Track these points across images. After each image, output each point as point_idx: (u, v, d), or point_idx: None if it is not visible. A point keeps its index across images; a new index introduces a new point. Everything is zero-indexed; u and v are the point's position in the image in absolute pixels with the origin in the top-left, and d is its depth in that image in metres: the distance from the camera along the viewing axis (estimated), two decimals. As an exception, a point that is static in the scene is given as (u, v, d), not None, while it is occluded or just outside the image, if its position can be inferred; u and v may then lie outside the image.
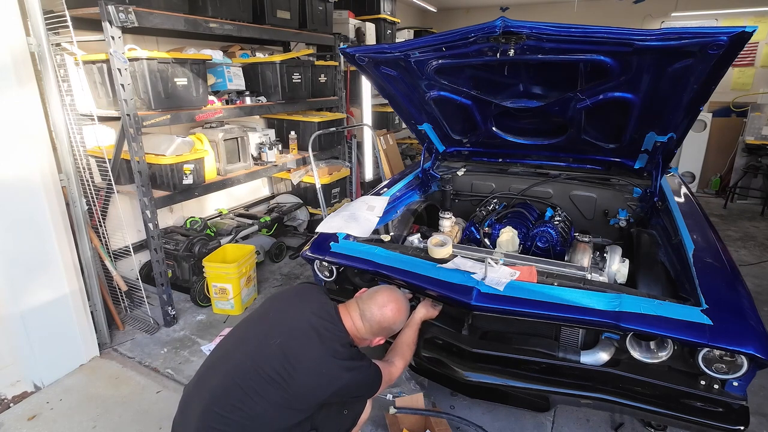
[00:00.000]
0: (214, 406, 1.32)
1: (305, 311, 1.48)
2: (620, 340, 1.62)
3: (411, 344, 1.73)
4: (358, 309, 1.54)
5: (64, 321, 2.41)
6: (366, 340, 1.58)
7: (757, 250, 4.22)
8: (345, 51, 2.24)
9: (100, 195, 2.77)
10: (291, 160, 3.73)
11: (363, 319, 1.53)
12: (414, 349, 1.73)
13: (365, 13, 5.07)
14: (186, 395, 1.44)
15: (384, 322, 1.54)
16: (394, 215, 2.53)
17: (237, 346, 1.44)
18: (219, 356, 1.47)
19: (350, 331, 1.51)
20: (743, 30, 1.43)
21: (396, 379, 1.64)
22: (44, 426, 2.11)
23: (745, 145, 5.53)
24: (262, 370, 1.33)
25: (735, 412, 1.45)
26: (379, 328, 1.54)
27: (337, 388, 1.39)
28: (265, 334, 1.42)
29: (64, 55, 2.51)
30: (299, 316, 1.46)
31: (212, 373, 1.41)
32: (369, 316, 1.53)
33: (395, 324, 1.58)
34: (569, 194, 2.77)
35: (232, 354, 1.42)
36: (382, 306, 1.54)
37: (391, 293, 1.60)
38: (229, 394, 1.32)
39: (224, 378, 1.36)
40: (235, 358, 1.40)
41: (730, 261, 1.75)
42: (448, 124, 2.75)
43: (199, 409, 1.33)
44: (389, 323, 1.55)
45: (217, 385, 1.36)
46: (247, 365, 1.36)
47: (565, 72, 2.00)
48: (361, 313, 1.53)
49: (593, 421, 2.12)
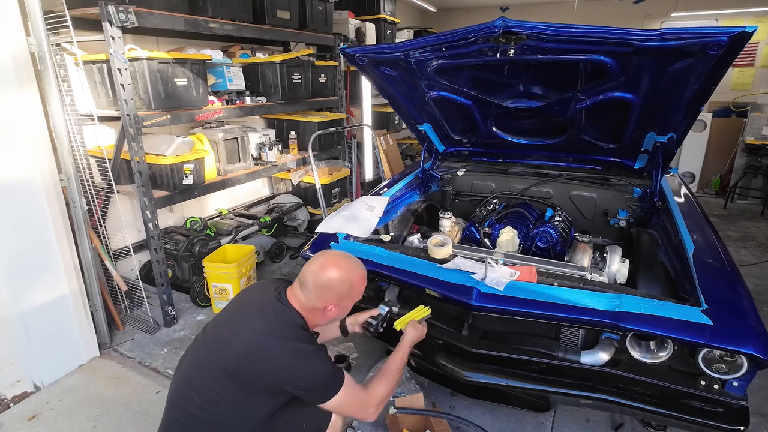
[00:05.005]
0: (178, 399, 1.38)
1: (260, 297, 1.46)
2: (620, 340, 1.62)
3: (398, 369, 1.57)
4: (298, 280, 1.46)
5: (64, 321, 2.41)
6: (317, 312, 1.44)
7: (757, 250, 4.22)
8: (345, 51, 2.24)
9: (100, 195, 2.77)
10: (291, 160, 3.73)
11: (303, 286, 1.42)
12: (401, 375, 1.59)
13: (365, 13, 5.07)
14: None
15: (321, 280, 1.40)
16: (394, 215, 2.53)
17: (204, 338, 1.45)
18: (191, 350, 1.49)
19: (297, 307, 1.42)
20: (743, 30, 1.43)
21: (379, 406, 1.45)
22: (44, 426, 2.11)
23: (745, 145, 5.53)
24: (216, 360, 1.34)
25: (735, 412, 1.45)
26: (320, 289, 1.41)
27: (283, 374, 1.31)
28: (223, 324, 1.44)
29: (64, 55, 2.51)
30: (252, 302, 1.46)
31: (181, 367, 1.45)
32: (305, 280, 1.42)
33: (339, 281, 1.42)
34: (569, 194, 2.77)
35: (199, 347, 1.44)
36: (319, 266, 1.43)
37: (325, 253, 1.51)
38: (191, 386, 1.36)
39: (189, 370, 1.40)
40: (199, 351, 1.42)
41: (730, 261, 1.75)
42: (448, 124, 2.75)
43: (168, 404, 1.42)
44: (328, 279, 1.41)
45: (181, 379, 1.41)
46: (205, 357, 1.38)
47: (565, 72, 2.00)
48: (301, 282, 1.44)
49: (593, 421, 2.12)
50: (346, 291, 1.45)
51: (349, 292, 1.46)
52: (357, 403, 1.41)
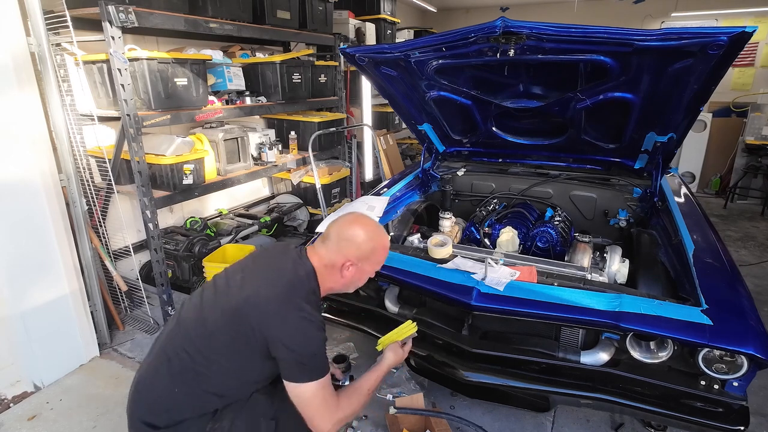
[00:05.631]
0: (173, 340, 1.34)
1: (279, 250, 1.45)
2: (620, 340, 1.62)
3: (369, 390, 1.46)
4: (321, 237, 1.43)
5: (64, 321, 2.41)
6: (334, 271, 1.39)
7: (757, 250, 4.22)
8: (345, 51, 2.24)
9: (100, 195, 2.77)
10: (291, 160, 3.73)
11: (326, 239, 1.39)
12: (370, 397, 1.47)
13: (365, 13, 5.07)
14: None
15: (345, 233, 1.38)
16: (394, 215, 2.53)
17: (213, 284, 1.42)
18: (196, 294, 1.45)
19: (315, 263, 1.38)
20: (743, 30, 1.43)
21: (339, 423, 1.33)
22: (44, 426, 2.11)
23: (745, 145, 5.53)
24: (221, 302, 1.32)
25: (735, 412, 1.45)
26: (342, 242, 1.37)
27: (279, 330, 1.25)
28: (235, 271, 1.41)
29: (64, 55, 2.51)
30: (270, 254, 1.44)
31: (183, 309, 1.42)
32: (329, 233, 1.39)
33: (363, 239, 1.38)
34: (569, 194, 2.77)
35: (206, 291, 1.41)
36: (347, 222, 1.41)
37: (354, 212, 1.48)
38: (190, 327, 1.33)
39: (190, 312, 1.37)
40: (205, 293, 1.40)
41: (730, 261, 1.75)
42: (448, 124, 2.75)
43: (161, 342, 1.38)
44: (352, 234, 1.38)
45: (181, 320, 1.37)
46: (210, 299, 1.35)
47: (565, 72, 2.00)
48: (324, 236, 1.41)
49: (593, 421, 2.12)
50: (368, 251, 1.40)
51: (370, 254, 1.40)
52: (323, 405, 1.30)
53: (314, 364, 1.28)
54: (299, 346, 1.25)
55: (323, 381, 1.29)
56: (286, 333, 1.25)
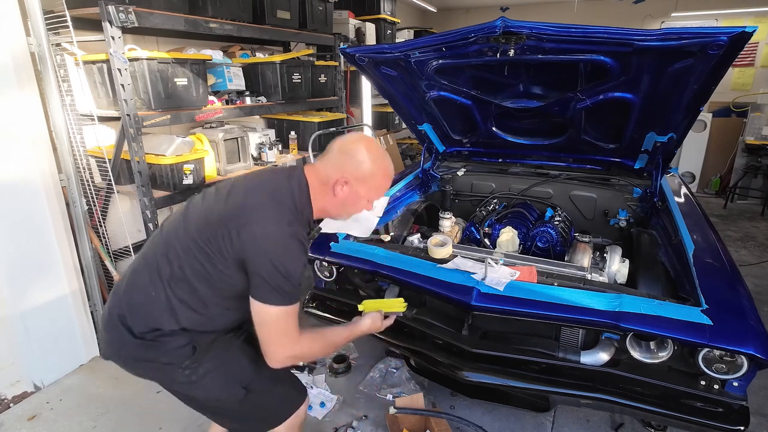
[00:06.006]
0: (156, 246, 1.30)
1: (278, 169, 1.38)
2: (620, 340, 1.62)
3: (335, 345, 1.40)
4: (325, 151, 1.35)
5: (64, 321, 2.41)
6: (327, 188, 1.29)
7: (757, 250, 4.22)
8: (345, 51, 2.24)
9: (100, 195, 2.77)
10: (291, 160, 3.73)
11: (326, 153, 1.31)
12: (329, 351, 1.42)
13: (365, 13, 5.07)
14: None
15: (346, 147, 1.29)
16: (394, 215, 2.53)
17: (204, 192, 1.37)
18: (188, 202, 1.38)
19: (311, 177, 1.30)
20: (743, 30, 1.43)
21: (292, 358, 1.27)
22: (44, 426, 2.11)
23: (745, 145, 5.53)
24: (208, 208, 1.27)
25: (735, 412, 1.45)
26: (342, 155, 1.28)
27: (258, 242, 1.16)
28: (230, 183, 1.34)
29: (64, 55, 2.50)
30: (268, 170, 1.38)
31: (173, 215, 1.37)
32: (331, 147, 1.31)
33: (363, 157, 1.27)
34: (569, 194, 2.77)
35: (197, 199, 1.35)
36: (352, 139, 1.32)
37: (368, 135, 1.40)
38: (177, 232, 1.28)
39: (179, 217, 1.32)
40: (194, 201, 1.35)
41: (730, 261, 1.75)
42: (448, 124, 2.75)
43: (146, 247, 1.34)
44: (354, 150, 1.28)
45: (170, 226, 1.32)
46: (199, 205, 1.31)
47: (565, 72, 2.00)
48: (325, 151, 1.33)
49: (593, 421, 2.12)
50: (366, 172, 1.28)
51: (369, 176, 1.29)
52: (284, 333, 1.21)
53: (287, 287, 1.17)
54: (276, 263, 1.15)
55: (291, 309, 1.20)
56: (265, 245, 1.16)
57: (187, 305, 1.24)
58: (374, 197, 1.37)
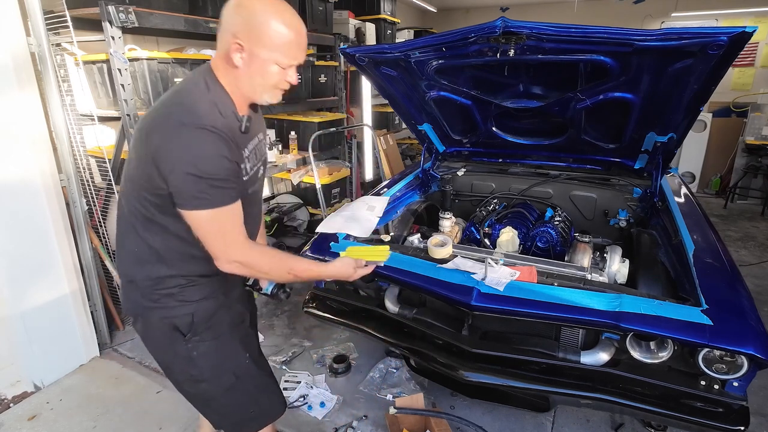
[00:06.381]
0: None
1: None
2: (620, 340, 1.62)
3: (293, 270, 1.27)
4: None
5: (64, 321, 2.41)
6: (228, 60, 1.11)
7: (757, 250, 4.22)
8: (345, 51, 2.24)
9: (100, 195, 2.77)
10: (291, 160, 3.73)
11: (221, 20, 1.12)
12: (285, 277, 1.31)
13: (365, 13, 5.07)
14: None
15: (230, 5, 1.09)
16: (394, 215, 2.53)
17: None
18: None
19: (217, 63, 1.15)
20: (743, 30, 1.43)
21: (242, 265, 1.17)
22: (44, 426, 2.11)
23: (745, 145, 5.53)
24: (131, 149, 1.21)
25: (735, 412, 1.45)
26: (232, 15, 1.09)
27: (158, 142, 1.05)
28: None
29: (64, 56, 2.51)
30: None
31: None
32: (224, 11, 1.11)
33: (247, 9, 1.07)
34: (569, 194, 2.77)
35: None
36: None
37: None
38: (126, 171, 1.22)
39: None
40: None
41: (730, 261, 1.75)
42: (448, 124, 2.75)
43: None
44: (238, 5, 1.08)
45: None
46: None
47: (565, 72, 2.00)
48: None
49: (593, 421, 2.12)
50: (257, 26, 1.07)
51: (261, 33, 1.07)
52: (222, 235, 1.12)
53: (205, 187, 1.05)
54: (185, 164, 1.03)
55: (224, 210, 1.09)
56: (168, 151, 1.04)
57: (153, 250, 1.21)
58: (283, 59, 1.12)
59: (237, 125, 1.15)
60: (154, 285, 1.23)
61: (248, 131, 1.19)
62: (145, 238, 1.20)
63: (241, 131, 1.16)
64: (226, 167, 1.09)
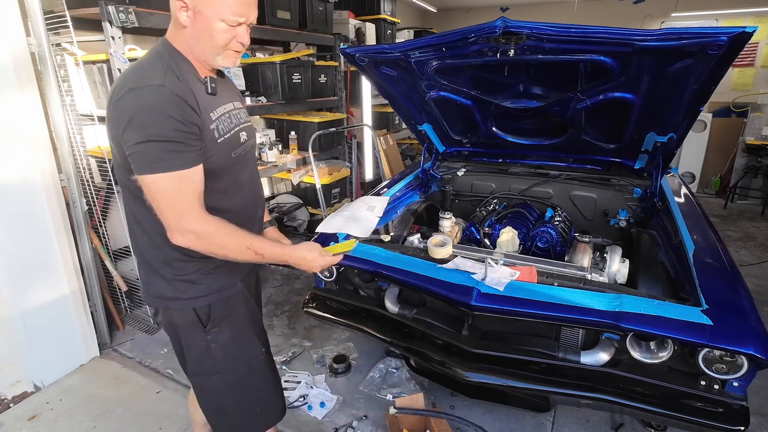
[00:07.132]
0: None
1: None
2: (620, 340, 1.62)
3: (252, 248, 1.16)
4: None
5: (64, 321, 2.41)
6: (178, 25, 1.11)
7: (757, 250, 4.22)
8: (345, 51, 2.24)
9: (100, 195, 2.77)
10: (291, 161, 3.73)
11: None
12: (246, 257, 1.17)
13: (365, 13, 5.07)
14: None
15: None
16: (394, 215, 2.53)
17: None
18: None
19: (170, 28, 1.15)
20: (743, 30, 1.43)
21: (198, 239, 1.09)
22: (44, 426, 2.11)
23: (745, 145, 5.53)
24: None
25: (735, 412, 1.45)
26: None
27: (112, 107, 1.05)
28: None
29: (64, 56, 2.51)
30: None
31: None
32: None
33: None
34: (569, 194, 2.77)
35: None
36: None
37: None
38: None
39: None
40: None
41: (730, 261, 1.75)
42: (448, 124, 2.75)
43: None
44: None
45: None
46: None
47: (565, 72, 2.00)
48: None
49: (593, 421, 2.12)
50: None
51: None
52: (176, 203, 1.06)
53: (156, 150, 1.01)
54: (133, 126, 1.00)
55: (179, 174, 1.04)
56: (120, 113, 1.03)
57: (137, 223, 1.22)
58: (228, 15, 1.08)
59: (202, 87, 1.14)
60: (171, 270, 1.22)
61: (215, 92, 1.17)
62: (141, 222, 1.20)
63: (207, 92, 1.14)
64: (175, 128, 1.03)
